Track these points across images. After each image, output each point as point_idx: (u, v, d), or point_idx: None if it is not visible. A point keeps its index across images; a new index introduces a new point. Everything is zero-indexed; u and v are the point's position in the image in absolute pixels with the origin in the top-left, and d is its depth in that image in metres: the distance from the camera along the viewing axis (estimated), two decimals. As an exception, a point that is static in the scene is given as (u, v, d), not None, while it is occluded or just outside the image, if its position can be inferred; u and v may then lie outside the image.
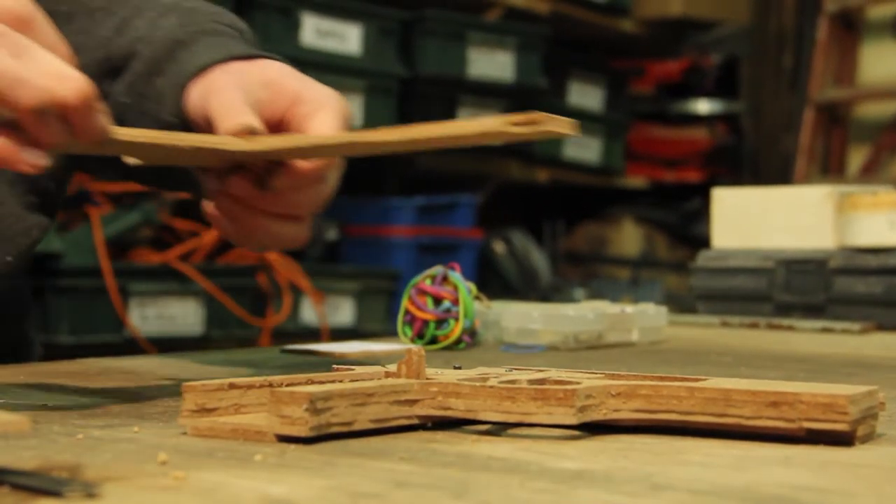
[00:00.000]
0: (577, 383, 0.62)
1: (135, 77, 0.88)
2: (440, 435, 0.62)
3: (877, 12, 3.70)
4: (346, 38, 3.04)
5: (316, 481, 0.50)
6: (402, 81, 3.19)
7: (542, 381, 0.64)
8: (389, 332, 0.84)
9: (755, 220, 1.54)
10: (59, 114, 0.65)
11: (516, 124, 0.62)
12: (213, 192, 0.78)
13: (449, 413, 0.63)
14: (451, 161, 3.40)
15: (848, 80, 3.69)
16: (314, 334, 2.84)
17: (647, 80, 4.29)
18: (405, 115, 3.15)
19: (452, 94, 3.30)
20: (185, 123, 0.83)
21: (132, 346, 2.51)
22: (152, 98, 0.87)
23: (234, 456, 0.55)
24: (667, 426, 0.62)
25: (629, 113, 4.03)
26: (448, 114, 3.30)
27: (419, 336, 1.07)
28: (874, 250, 1.44)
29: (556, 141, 3.71)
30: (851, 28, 3.71)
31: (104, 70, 0.91)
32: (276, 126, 0.81)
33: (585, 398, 0.61)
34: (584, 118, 3.79)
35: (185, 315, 2.65)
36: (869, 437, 0.61)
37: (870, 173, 3.58)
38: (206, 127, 0.80)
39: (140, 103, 0.88)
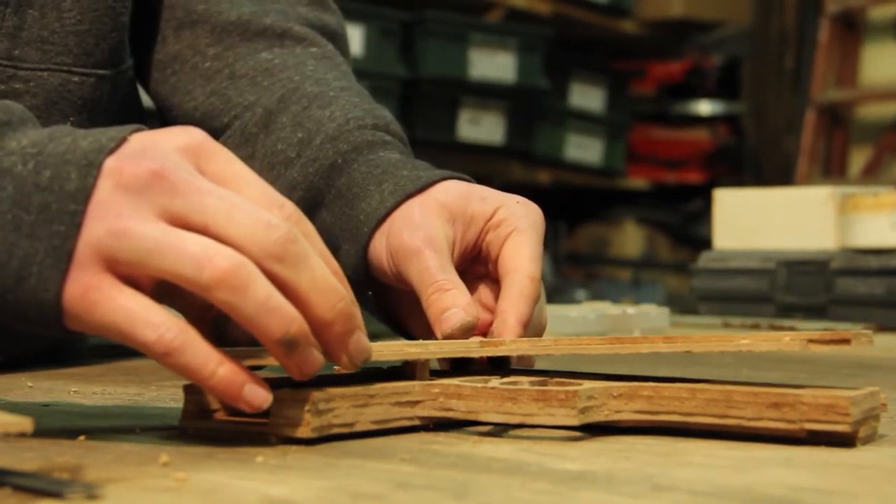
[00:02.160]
0: (579, 384, 0.62)
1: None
2: (441, 436, 0.62)
3: (878, 13, 3.70)
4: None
5: (317, 482, 0.50)
6: (403, 83, 3.19)
7: (543, 383, 0.64)
8: (391, 334, 0.84)
9: (757, 221, 1.54)
10: (312, 342, 0.57)
11: (814, 341, 0.61)
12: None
13: (450, 414, 0.63)
14: (453, 162, 3.40)
15: (849, 81, 3.69)
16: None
17: (648, 81, 4.29)
18: (407, 117, 3.15)
19: (454, 95, 3.30)
20: (367, 278, 0.80)
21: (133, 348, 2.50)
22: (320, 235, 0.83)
23: (235, 457, 0.55)
24: (668, 427, 0.62)
25: (630, 114, 4.03)
26: (449, 115, 3.30)
27: (420, 337, 1.07)
28: (876, 251, 1.44)
29: (558, 142, 3.71)
30: (853, 29, 3.71)
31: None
32: (472, 253, 0.78)
33: (587, 399, 0.61)
34: (586, 119, 3.79)
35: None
36: (870, 439, 0.61)
37: (871, 174, 3.58)
38: (397, 283, 0.77)
39: None
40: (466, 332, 0.72)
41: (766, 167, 4.12)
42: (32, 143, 0.58)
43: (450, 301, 0.73)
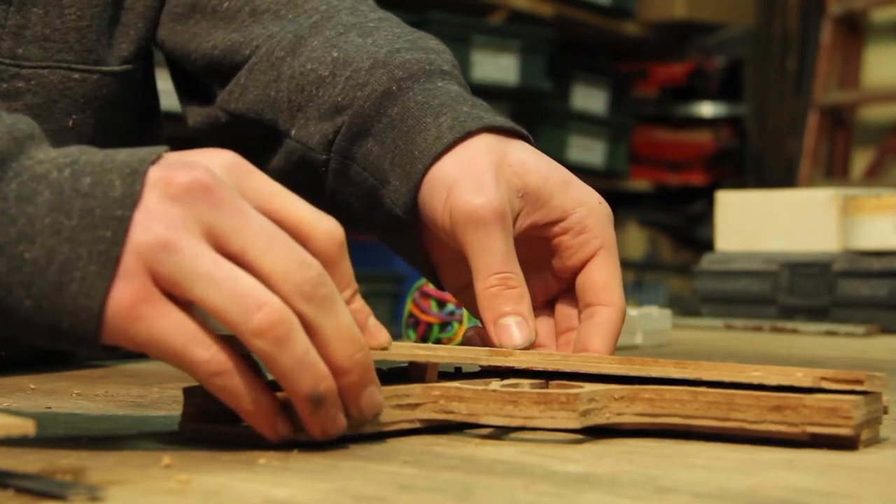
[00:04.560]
0: (580, 387, 0.62)
1: (332, 128, 0.79)
2: (443, 438, 0.62)
3: (881, 15, 3.70)
4: (350, 40, 3.04)
5: (319, 484, 0.50)
6: (406, 84, 3.18)
7: (544, 385, 0.64)
8: (393, 335, 0.84)
9: (759, 223, 1.54)
10: (337, 402, 0.56)
11: (826, 379, 0.59)
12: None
13: (451, 417, 0.62)
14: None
15: (852, 83, 3.69)
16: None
17: (651, 83, 4.29)
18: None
19: (456, 96, 3.30)
20: (413, 219, 0.75)
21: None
22: (363, 166, 0.78)
23: (237, 459, 0.55)
24: (670, 430, 0.62)
25: (633, 116, 4.03)
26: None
27: (423, 339, 1.07)
28: (878, 253, 1.44)
29: (560, 144, 3.71)
30: (855, 31, 3.71)
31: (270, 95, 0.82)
32: (529, 233, 0.74)
33: (588, 402, 0.61)
34: (588, 121, 3.79)
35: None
36: (873, 441, 0.61)
37: (874, 176, 3.58)
38: (447, 238, 0.73)
39: (345, 168, 0.78)
40: (527, 348, 0.70)
41: (769, 169, 4.12)
42: (63, 154, 0.56)
43: (511, 305, 0.70)
